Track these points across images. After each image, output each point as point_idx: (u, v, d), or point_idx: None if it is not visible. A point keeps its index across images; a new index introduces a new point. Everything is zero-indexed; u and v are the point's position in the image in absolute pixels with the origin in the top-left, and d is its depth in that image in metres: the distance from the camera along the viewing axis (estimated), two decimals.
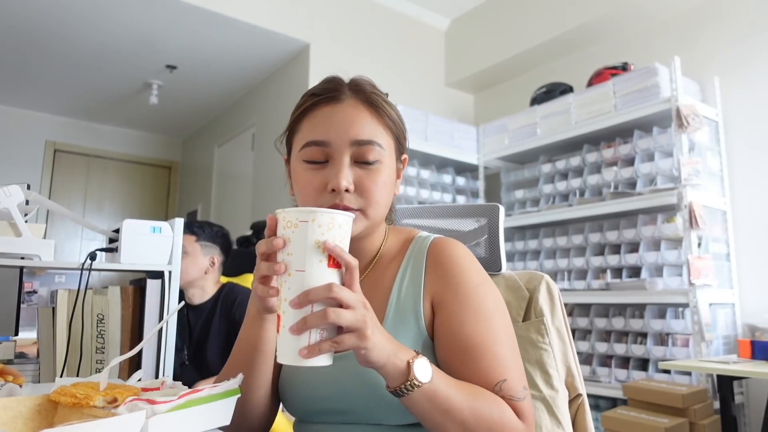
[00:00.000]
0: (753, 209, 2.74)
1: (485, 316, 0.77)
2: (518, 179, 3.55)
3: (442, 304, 0.79)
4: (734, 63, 2.86)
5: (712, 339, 2.45)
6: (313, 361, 0.61)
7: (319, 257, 0.62)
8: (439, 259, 0.82)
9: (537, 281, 0.97)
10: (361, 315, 0.62)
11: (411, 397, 0.66)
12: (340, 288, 0.61)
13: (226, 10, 3.27)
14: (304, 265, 0.62)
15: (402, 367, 0.65)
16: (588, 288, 2.95)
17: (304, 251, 0.62)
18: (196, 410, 0.67)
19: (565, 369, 0.94)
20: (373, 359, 0.63)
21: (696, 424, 2.14)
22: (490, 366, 0.73)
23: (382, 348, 0.64)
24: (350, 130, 0.78)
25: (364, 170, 0.78)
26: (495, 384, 0.72)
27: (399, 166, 0.87)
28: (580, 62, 3.54)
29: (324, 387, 0.80)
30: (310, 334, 0.61)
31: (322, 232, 0.62)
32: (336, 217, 0.63)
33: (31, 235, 1.30)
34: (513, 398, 0.72)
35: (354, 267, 0.64)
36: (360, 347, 0.62)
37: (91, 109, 5.01)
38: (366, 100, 0.81)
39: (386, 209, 0.83)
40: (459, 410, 0.68)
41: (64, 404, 0.65)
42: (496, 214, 1.03)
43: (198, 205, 5.20)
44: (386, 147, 0.80)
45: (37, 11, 3.30)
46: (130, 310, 1.32)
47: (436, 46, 4.23)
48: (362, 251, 0.85)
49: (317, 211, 0.63)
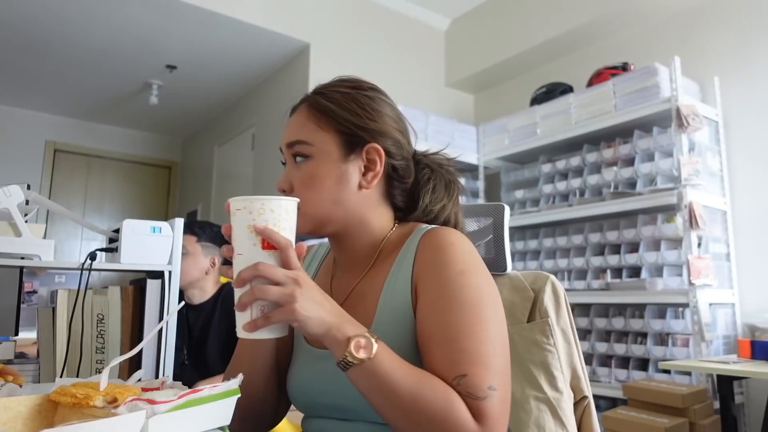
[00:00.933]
0: (753, 209, 2.74)
1: (460, 305, 0.72)
2: (518, 179, 3.55)
3: (422, 290, 0.77)
4: (734, 63, 2.86)
5: (712, 339, 2.45)
6: (256, 335, 0.68)
7: (253, 241, 0.68)
8: (427, 245, 0.79)
9: (542, 281, 0.96)
10: (289, 290, 0.66)
11: (351, 373, 0.68)
12: (265, 266, 0.66)
13: (226, 10, 3.27)
14: (241, 249, 0.69)
15: (342, 340, 0.67)
16: (588, 288, 2.95)
17: (240, 236, 0.69)
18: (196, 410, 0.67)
19: (570, 371, 0.93)
20: (309, 331, 0.67)
21: (696, 424, 2.14)
22: (452, 358, 0.70)
23: (319, 321, 0.67)
24: (287, 134, 0.85)
25: (296, 168, 0.84)
26: (453, 378, 0.68)
27: (356, 160, 0.83)
28: (580, 62, 3.54)
29: (322, 382, 0.81)
30: (251, 310, 0.67)
31: (253, 218, 0.68)
32: (267, 203, 0.68)
33: (31, 235, 1.30)
34: (471, 395, 0.67)
35: (285, 246, 0.68)
36: (289, 320, 0.66)
37: (91, 109, 5.01)
38: (309, 101, 0.85)
39: (329, 206, 0.81)
40: (399, 395, 0.66)
41: (64, 404, 0.65)
42: (501, 214, 1.01)
43: (198, 205, 5.20)
44: (318, 143, 0.82)
45: (38, 11, 3.30)
46: (130, 310, 1.32)
47: (436, 46, 4.23)
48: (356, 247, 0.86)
49: (248, 199, 0.68)
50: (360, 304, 0.83)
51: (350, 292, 0.86)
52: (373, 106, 0.85)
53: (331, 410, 0.81)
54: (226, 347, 1.98)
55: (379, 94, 0.89)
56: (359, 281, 0.86)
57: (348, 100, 0.84)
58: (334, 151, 0.82)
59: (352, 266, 0.88)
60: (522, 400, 0.90)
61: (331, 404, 0.80)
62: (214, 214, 4.86)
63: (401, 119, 0.90)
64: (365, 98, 0.85)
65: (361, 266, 0.87)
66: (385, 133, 0.85)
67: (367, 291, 0.84)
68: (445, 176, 0.90)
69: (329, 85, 0.87)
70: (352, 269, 0.88)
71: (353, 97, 0.84)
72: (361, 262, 0.87)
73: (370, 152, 0.83)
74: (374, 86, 0.90)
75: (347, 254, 0.88)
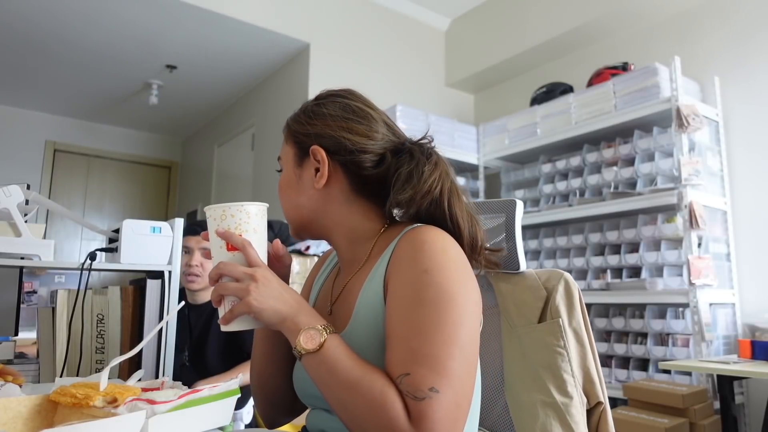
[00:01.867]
0: (753, 209, 2.74)
1: (417, 305, 0.71)
2: (518, 179, 3.55)
3: (389, 288, 0.77)
4: (734, 63, 2.86)
5: (712, 339, 2.45)
6: (230, 327, 0.76)
7: (219, 243, 0.78)
8: (402, 244, 0.78)
9: (556, 280, 0.92)
10: (244, 285, 0.73)
11: (303, 361, 0.73)
12: (225, 264, 0.76)
13: (226, 10, 3.27)
14: (213, 252, 0.79)
15: (294, 331, 0.73)
16: (588, 288, 2.95)
17: (211, 241, 0.79)
18: (196, 410, 0.67)
19: (582, 374, 0.88)
20: (265, 322, 0.74)
21: (696, 424, 2.14)
22: (397, 357, 0.69)
23: (273, 312, 0.73)
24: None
25: None
26: (398, 375, 0.68)
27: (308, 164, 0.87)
28: (580, 62, 3.53)
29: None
30: (224, 305, 0.76)
31: (217, 224, 0.78)
32: (227, 209, 0.77)
33: (31, 235, 1.30)
34: (409, 395, 0.66)
35: (243, 246, 0.76)
36: (247, 312, 0.73)
37: (91, 109, 5.00)
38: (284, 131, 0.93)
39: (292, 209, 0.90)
40: (338, 387, 0.69)
41: (64, 404, 0.65)
42: (513, 210, 0.97)
43: (198, 205, 5.20)
44: (284, 155, 0.92)
45: (38, 11, 3.30)
46: (130, 310, 1.32)
47: (436, 46, 4.23)
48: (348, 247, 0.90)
49: (212, 207, 0.78)
50: (345, 303, 0.85)
51: (341, 290, 0.88)
52: (316, 111, 0.88)
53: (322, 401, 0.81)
54: (226, 347, 1.98)
55: (334, 98, 0.88)
56: (350, 279, 0.88)
57: (300, 112, 0.91)
58: (291, 160, 0.90)
59: (348, 265, 0.90)
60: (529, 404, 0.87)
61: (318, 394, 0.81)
62: None
63: (350, 116, 0.86)
64: (314, 106, 0.90)
65: (355, 265, 0.88)
66: (322, 134, 0.86)
67: (351, 290, 0.85)
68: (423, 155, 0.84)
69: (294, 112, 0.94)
70: (348, 268, 0.90)
71: (304, 107, 0.91)
72: (356, 261, 0.88)
73: (315, 154, 0.86)
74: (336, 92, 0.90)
75: (342, 254, 0.91)
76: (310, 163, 0.87)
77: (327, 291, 0.93)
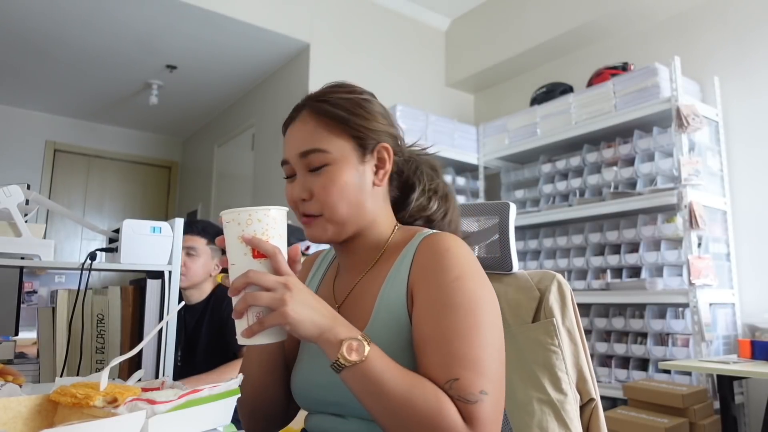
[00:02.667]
0: (753, 209, 2.74)
1: (454, 310, 0.73)
2: (518, 179, 3.55)
3: (417, 294, 0.77)
4: (734, 63, 2.86)
5: (712, 339, 2.45)
6: (255, 340, 0.70)
7: (244, 250, 0.71)
8: (424, 250, 0.80)
9: (548, 281, 0.95)
10: (279, 295, 0.68)
11: (344, 375, 0.69)
12: (255, 273, 0.69)
13: (226, 10, 3.27)
14: (234, 259, 0.72)
15: (335, 343, 0.69)
16: (588, 288, 2.95)
17: (232, 247, 0.72)
18: (196, 410, 0.67)
19: (576, 372, 0.91)
20: (301, 333, 0.69)
21: (696, 424, 2.14)
22: (444, 362, 0.70)
23: (311, 324, 0.69)
24: (297, 144, 0.85)
25: (315, 176, 0.83)
26: (446, 381, 0.69)
27: (370, 161, 0.86)
28: (580, 62, 3.54)
29: (319, 375, 0.82)
30: (247, 317, 0.70)
31: (242, 229, 0.71)
32: (254, 213, 0.71)
33: (31, 235, 1.30)
34: (461, 399, 0.68)
35: (274, 253, 0.70)
36: (282, 324, 0.68)
37: (91, 109, 5.00)
38: (312, 110, 0.86)
39: (350, 209, 0.83)
40: (390, 397, 0.67)
41: (64, 404, 0.65)
42: (507, 212, 1.00)
43: (198, 205, 5.20)
44: (335, 149, 0.83)
45: (38, 11, 3.30)
46: (130, 310, 1.32)
47: (436, 46, 4.23)
48: (362, 248, 0.88)
49: (236, 211, 0.71)
50: (357, 305, 0.84)
51: (350, 291, 0.87)
52: (374, 109, 0.88)
53: (327, 405, 0.82)
54: (216, 347, 1.98)
55: (373, 98, 0.92)
56: (359, 281, 0.87)
57: (353, 105, 0.86)
58: (351, 155, 0.84)
59: (355, 267, 0.89)
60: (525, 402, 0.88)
61: (327, 399, 0.81)
62: (214, 214, 4.86)
63: (389, 117, 0.93)
64: (366, 102, 0.88)
65: (363, 267, 0.88)
66: (388, 132, 0.88)
67: (365, 292, 0.85)
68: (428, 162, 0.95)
69: (328, 92, 0.88)
70: (354, 270, 0.89)
71: (357, 101, 0.87)
72: (364, 262, 0.88)
73: (381, 152, 0.86)
74: (367, 90, 0.92)
75: (353, 255, 0.89)
76: (371, 161, 0.86)
77: (327, 293, 0.92)
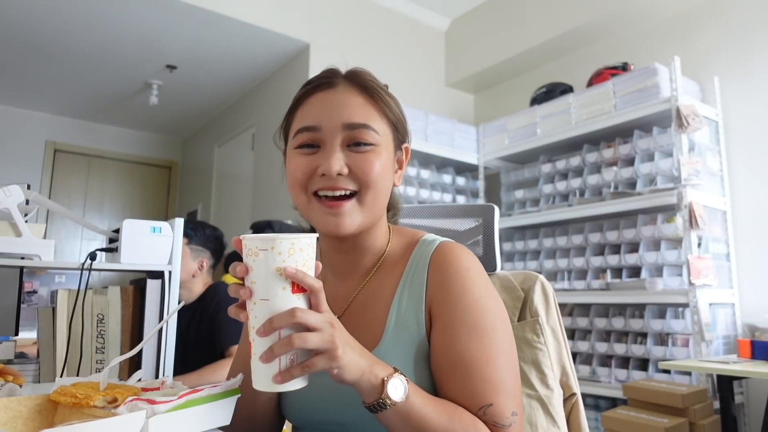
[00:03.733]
0: (753, 209, 2.74)
1: (480, 333, 0.73)
2: (518, 179, 3.55)
3: (439, 315, 0.76)
4: (734, 63, 2.86)
5: (712, 339, 2.45)
6: (286, 386, 0.61)
7: (282, 284, 0.61)
8: (441, 266, 0.78)
9: (532, 281, 0.97)
10: (328, 336, 0.61)
11: (385, 414, 0.66)
12: (303, 311, 0.61)
13: (226, 10, 3.27)
14: (267, 294, 0.61)
15: (376, 384, 0.64)
16: (588, 288, 2.95)
17: (267, 280, 0.61)
18: (196, 410, 0.67)
19: (560, 368, 0.95)
20: (346, 378, 0.63)
21: (696, 424, 2.14)
22: (477, 388, 0.71)
23: (356, 365, 0.63)
24: (343, 114, 0.76)
25: (359, 153, 0.76)
26: (479, 408, 0.70)
27: (399, 155, 0.85)
28: (580, 62, 3.54)
29: (322, 398, 0.79)
30: (280, 360, 0.61)
31: (283, 259, 0.61)
32: (296, 242, 0.62)
33: (31, 235, 1.30)
34: (497, 425, 0.69)
35: (318, 289, 0.63)
36: (332, 368, 0.62)
37: (91, 109, 5.01)
38: (361, 85, 0.80)
39: (385, 197, 0.79)
40: (432, 430, 0.67)
41: (64, 404, 0.65)
42: (491, 215, 1.04)
43: (198, 205, 5.20)
44: (381, 133, 0.78)
45: (38, 11, 3.30)
46: (130, 310, 1.32)
47: (436, 46, 4.23)
48: (365, 251, 0.83)
49: (277, 238, 0.61)
50: (364, 317, 0.81)
51: (350, 302, 0.83)
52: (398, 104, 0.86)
53: (328, 425, 0.80)
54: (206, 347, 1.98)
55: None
56: (360, 290, 0.83)
57: (393, 98, 0.84)
58: (391, 143, 0.81)
59: (351, 272, 0.85)
60: None
61: (327, 419, 0.80)
62: (214, 214, 4.86)
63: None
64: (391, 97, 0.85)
65: (361, 273, 0.84)
66: (407, 131, 0.86)
67: (370, 303, 0.82)
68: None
69: (368, 74, 0.83)
70: (349, 276, 0.85)
71: (389, 93, 0.84)
72: (361, 268, 0.84)
73: (404, 151, 0.86)
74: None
75: (353, 258, 0.84)
76: (396, 155, 0.84)
77: None
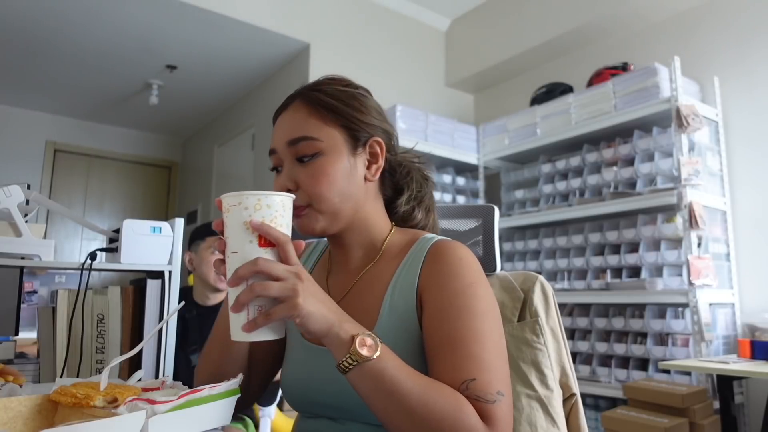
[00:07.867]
0: (753, 209, 2.74)
1: (468, 314, 0.74)
2: (518, 179, 3.55)
3: (430, 298, 0.78)
4: (734, 63, 2.86)
5: (712, 339, 2.45)
6: (255, 336, 0.64)
7: (249, 237, 0.65)
8: (436, 257, 0.81)
9: (531, 282, 0.98)
10: (291, 284, 0.64)
11: (354, 373, 0.66)
12: (265, 261, 0.64)
13: (226, 10, 3.27)
14: (236, 247, 0.66)
15: (345, 339, 0.65)
16: (588, 288, 2.95)
17: (236, 233, 0.66)
18: (196, 410, 0.67)
19: (559, 369, 0.95)
20: (310, 328, 0.65)
21: (696, 424, 2.14)
22: (460, 363, 0.71)
23: (321, 317, 0.65)
24: (285, 133, 0.84)
25: (303, 166, 0.82)
26: (462, 382, 0.69)
27: (362, 155, 0.86)
28: (580, 62, 3.54)
29: (321, 382, 0.81)
30: (248, 310, 0.64)
31: (249, 214, 0.65)
32: (264, 199, 0.66)
33: (31, 235, 1.30)
34: (479, 399, 0.69)
35: (284, 241, 0.66)
36: (292, 316, 0.64)
37: (91, 109, 5.00)
38: (305, 99, 0.85)
39: (347, 198, 0.82)
40: (406, 396, 0.65)
41: (64, 404, 0.65)
42: (491, 215, 1.05)
43: (198, 205, 5.20)
44: (326, 138, 0.82)
45: (38, 11, 3.30)
46: (130, 310, 1.32)
47: (436, 46, 4.23)
48: (356, 246, 0.88)
49: (243, 194, 0.65)
50: (359, 305, 0.84)
51: (348, 290, 0.87)
52: (369, 104, 0.89)
53: (327, 409, 0.82)
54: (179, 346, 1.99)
55: (369, 94, 0.92)
56: (357, 280, 0.87)
57: (348, 97, 0.86)
58: (342, 146, 0.83)
59: (350, 265, 0.89)
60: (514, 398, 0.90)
61: (329, 403, 0.81)
62: (214, 214, 4.86)
63: (384, 114, 0.93)
64: (361, 96, 0.88)
65: (360, 265, 0.88)
66: (382, 128, 0.89)
67: (365, 293, 0.85)
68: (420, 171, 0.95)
69: (323, 83, 0.88)
70: (349, 268, 0.89)
71: (352, 94, 0.87)
72: (360, 260, 0.88)
73: (373, 146, 0.87)
74: (363, 86, 0.93)
75: (347, 252, 0.89)
76: (364, 154, 0.86)
77: None
